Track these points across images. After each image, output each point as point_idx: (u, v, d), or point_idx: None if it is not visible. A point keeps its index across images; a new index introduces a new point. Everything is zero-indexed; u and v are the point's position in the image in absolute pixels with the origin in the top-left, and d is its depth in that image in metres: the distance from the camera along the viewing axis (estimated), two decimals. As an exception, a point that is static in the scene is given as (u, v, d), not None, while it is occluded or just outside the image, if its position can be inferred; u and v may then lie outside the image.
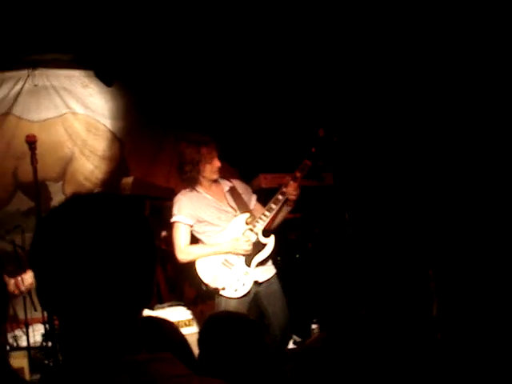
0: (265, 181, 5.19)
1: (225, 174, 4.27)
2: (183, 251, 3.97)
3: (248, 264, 3.96)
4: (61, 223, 1.06)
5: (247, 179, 4.81)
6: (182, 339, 1.80)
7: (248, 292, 3.94)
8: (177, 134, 5.31)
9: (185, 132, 4.26)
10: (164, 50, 5.62)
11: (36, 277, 1.06)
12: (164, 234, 5.15)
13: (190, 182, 4.04)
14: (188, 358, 1.73)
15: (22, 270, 3.12)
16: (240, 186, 4.25)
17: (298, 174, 3.97)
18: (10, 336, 4.66)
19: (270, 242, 4.04)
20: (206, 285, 3.92)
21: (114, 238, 1.05)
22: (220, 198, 4.11)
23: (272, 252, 4.05)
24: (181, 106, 5.87)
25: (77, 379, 1.02)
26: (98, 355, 1.04)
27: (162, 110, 5.86)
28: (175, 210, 4.02)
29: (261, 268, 4.03)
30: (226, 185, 4.18)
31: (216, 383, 1.13)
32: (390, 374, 2.06)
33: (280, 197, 3.96)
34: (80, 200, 1.10)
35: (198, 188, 4.06)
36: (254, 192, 4.38)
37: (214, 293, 3.93)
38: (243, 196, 4.18)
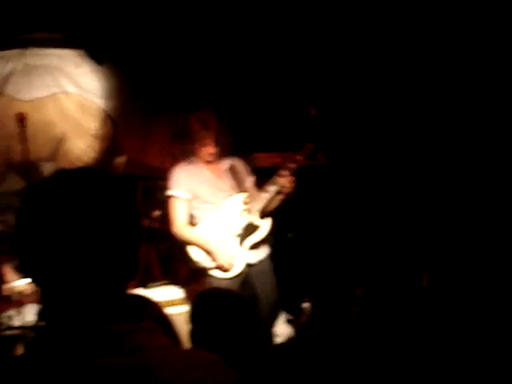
0: (259, 160, 5.16)
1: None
2: (179, 228, 3.92)
3: (241, 245, 3.94)
4: (45, 196, 1.07)
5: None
6: (165, 317, 1.81)
7: (240, 273, 3.92)
8: (170, 113, 5.29)
9: (179, 111, 4.21)
10: (155, 28, 5.56)
11: (20, 247, 1.07)
12: (157, 213, 5.14)
13: (189, 153, 3.99)
14: (170, 336, 1.73)
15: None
16: (240, 165, 4.15)
17: (299, 157, 3.88)
18: (4, 316, 4.66)
19: (266, 224, 4.01)
20: (197, 262, 3.90)
21: (97, 210, 1.06)
22: (218, 175, 4.03)
23: (266, 234, 4.03)
24: (173, 84, 5.82)
25: (59, 347, 1.03)
26: (81, 324, 1.05)
27: (154, 88, 5.81)
28: (172, 183, 3.93)
29: (253, 250, 4.00)
30: (225, 163, 4.10)
31: (199, 354, 1.14)
32: (383, 355, 2.07)
33: (278, 179, 3.87)
34: (64, 174, 1.11)
35: (197, 161, 3.99)
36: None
37: (205, 272, 3.92)
38: (242, 176, 4.11)
